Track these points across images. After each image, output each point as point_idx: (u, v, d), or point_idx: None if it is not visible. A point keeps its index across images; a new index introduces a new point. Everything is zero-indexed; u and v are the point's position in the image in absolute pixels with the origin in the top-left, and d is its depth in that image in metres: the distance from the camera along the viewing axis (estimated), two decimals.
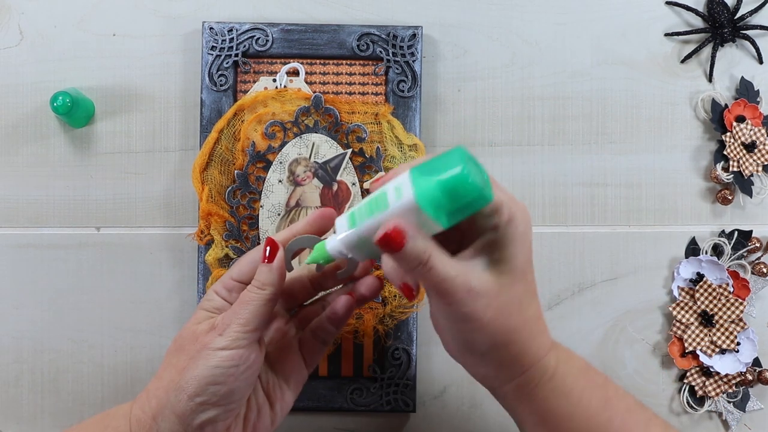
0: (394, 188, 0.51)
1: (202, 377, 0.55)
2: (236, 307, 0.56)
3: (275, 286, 0.56)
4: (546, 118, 0.77)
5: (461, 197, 0.50)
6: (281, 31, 0.74)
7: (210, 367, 0.55)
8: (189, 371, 0.55)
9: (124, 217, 0.76)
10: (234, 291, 0.59)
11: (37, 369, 0.75)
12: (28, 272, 0.75)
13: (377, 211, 0.52)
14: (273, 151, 0.74)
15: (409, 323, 0.74)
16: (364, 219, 0.53)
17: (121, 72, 0.76)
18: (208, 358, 0.55)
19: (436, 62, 0.76)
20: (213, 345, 0.55)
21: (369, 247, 0.53)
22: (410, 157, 0.74)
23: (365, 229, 0.53)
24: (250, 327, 0.56)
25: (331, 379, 0.74)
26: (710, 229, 0.77)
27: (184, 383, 0.55)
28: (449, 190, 0.49)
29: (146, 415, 0.56)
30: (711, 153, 0.77)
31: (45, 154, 0.75)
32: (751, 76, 0.77)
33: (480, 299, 0.52)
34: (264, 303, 0.56)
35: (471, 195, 0.50)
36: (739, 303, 0.75)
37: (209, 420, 0.56)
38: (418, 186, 0.50)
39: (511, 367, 0.55)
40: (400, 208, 0.50)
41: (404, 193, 0.50)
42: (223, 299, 0.59)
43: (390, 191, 0.51)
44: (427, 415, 0.76)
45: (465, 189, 0.49)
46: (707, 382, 0.76)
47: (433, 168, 0.50)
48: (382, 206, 0.51)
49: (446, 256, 0.52)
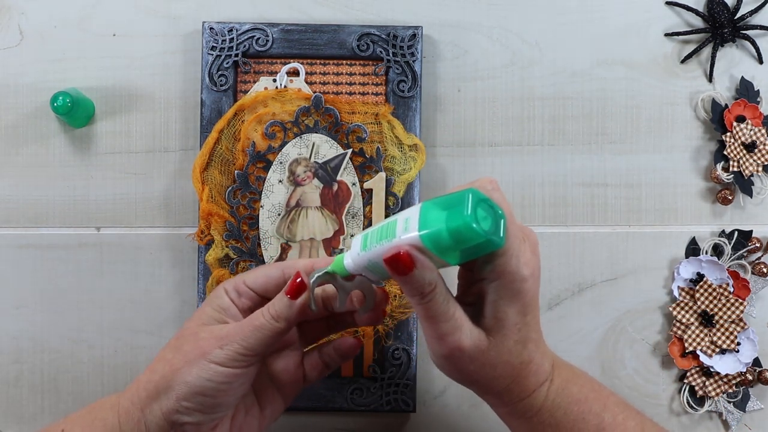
0: (405, 219, 0.51)
1: (193, 385, 0.54)
2: (246, 328, 0.55)
3: (291, 322, 0.56)
4: (546, 118, 0.77)
5: (466, 242, 0.50)
6: (281, 31, 0.74)
7: (203, 378, 0.54)
8: (182, 374, 0.55)
9: (124, 217, 0.76)
10: (244, 296, 0.58)
11: (37, 369, 0.75)
12: (28, 272, 0.75)
13: (386, 238, 0.52)
14: (273, 151, 0.74)
15: (409, 323, 0.74)
16: (374, 243, 0.53)
17: (121, 72, 0.76)
18: (203, 369, 0.54)
19: (436, 62, 0.76)
20: (211, 357, 0.55)
21: (378, 270, 0.54)
22: (410, 157, 0.74)
23: (374, 253, 0.53)
24: (253, 352, 0.55)
25: (331, 379, 0.74)
26: (710, 229, 0.77)
27: (174, 384, 0.55)
28: (454, 233, 0.49)
29: (135, 406, 0.56)
30: (711, 153, 0.77)
31: (45, 154, 0.75)
32: (751, 76, 0.77)
33: (464, 356, 0.52)
34: (274, 334, 0.55)
35: (475, 240, 0.49)
36: (739, 303, 0.75)
37: (194, 423, 0.55)
38: (424, 223, 0.50)
39: (497, 400, 0.56)
40: (405, 241, 0.51)
41: (410, 227, 0.51)
42: (231, 300, 0.58)
43: (400, 221, 0.51)
44: (427, 415, 0.76)
45: (469, 235, 0.49)
46: (707, 382, 0.76)
47: (444, 206, 0.50)
48: (390, 234, 0.52)
49: (450, 298, 0.52)
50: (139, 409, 0.56)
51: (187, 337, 0.57)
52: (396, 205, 0.73)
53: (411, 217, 0.51)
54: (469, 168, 0.76)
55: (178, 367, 0.55)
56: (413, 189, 0.74)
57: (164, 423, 0.55)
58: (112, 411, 0.57)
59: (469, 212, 0.49)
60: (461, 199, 0.50)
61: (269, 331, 0.55)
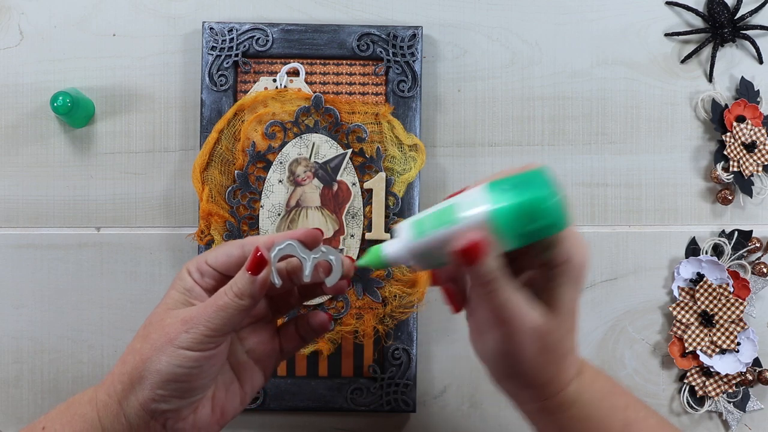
0: (467, 202, 0.50)
1: (165, 373, 0.54)
2: (209, 309, 0.55)
3: (255, 298, 0.55)
4: (546, 118, 0.77)
5: (537, 221, 0.49)
6: (281, 31, 0.74)
7: (173, 365, 0.54)
8: (152, 363, 0.54)
9: (124, 217, 0.76)
10: (207, 276, 0.57)
11: (37, 369, 0.75)
12: (28, 272, 0.75)
13: (445, 224, 0.50)
14: (273, 151, 0.74)
15: (409, 323, 0.74)
16: (432, 230, 0.51)
17: (121, 72, 0.76)
18: (172, 356, 0.54)
19: (436, 62, 0.76)
20: (178, 342, 0.54)
21: (434, 257, 0.52)
22: (410, 157, 0.74)
23: (434, 239, 0.51)
24: (219, 332, 0.54)
25: (331, 379, 0.74)
26: (710, 229, 0.77)
27: (147, 374, 0.54)
28: (528, 212, 0.48)
29: (112, 399, 0.56)
30: (711, 153, 0.77)
31: (45, 155, 0.75)
32: (751, 76, 0.77)
33: (527, 336, 0.52)
34: (239, 312, 0.54)
35: (548, 220, 0.49)
36: (739, 303, 0.75)
37: (173, 409, 0.55)
38: (494, 203, 0.49)
39: (537, 392, 0.55)
40: (471, 224, 0.49)
41: (477, 209, 0.49)
42: (194, 281, 0.57)
43: (461, 204, 0.50)
44: (427, 415, 0.76)
45: (544, 213, 0.48)
46: (707, 382, 0.76)
47: (512, 186, 0.49)
48: (450, 219, 0.50)
49: (512, 282, 0.51)
50: (117, 402, 0.55)
51: (154, 324, 0.56)
52: (396, 205, 0.73)
53: (476, 200, 0.49)
54: (469, 168, 0.76)
55: (148, 356, 0.55)
56: (413, 189, 0.74)
57: (143, 413, 0.55)
58: (90, 405, 0.56)
59: (548, 189, 0.48)
60: (536, 178, 0.49)
61: (234, 310, 0.54)
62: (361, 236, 0.73)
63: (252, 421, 0.76)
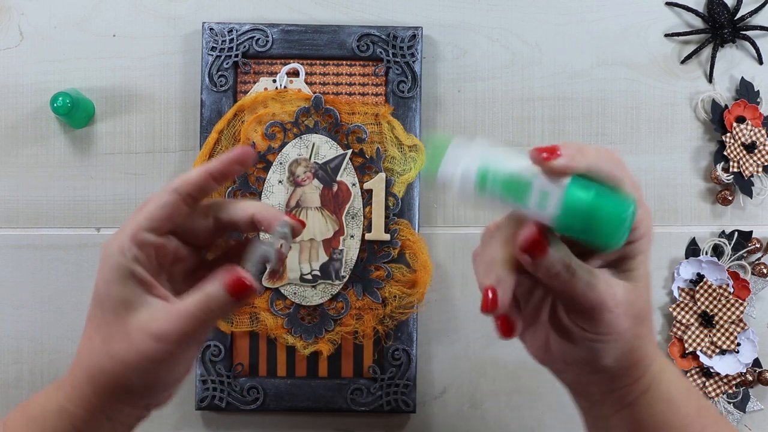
0: (541, 191, 0.48)
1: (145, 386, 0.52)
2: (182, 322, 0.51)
3: None
4: (546, 118, 0.77)
5: (599, 238, 0.47)
6: (281, 32, 0.74)
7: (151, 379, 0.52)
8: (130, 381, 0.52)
9: (124, 217, 0.75)
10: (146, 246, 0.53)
11: (37, 369, 0.75)
12: (28, 272, 0.75)
13: (512, 197, 0.48)
14: (273, 152, 0.74)
15: (409, 324, 0.74)
16: (495, 190, 0.49)
17: (121, 72, 0.76)
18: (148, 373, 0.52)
19: (436, 63, 0.76)
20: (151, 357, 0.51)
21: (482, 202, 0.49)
22: (410, 157, 0.74)
23: (490, 199, 0.49)
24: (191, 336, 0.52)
25: (331, 380, 0.74)
26: (710, 230, 0.77)
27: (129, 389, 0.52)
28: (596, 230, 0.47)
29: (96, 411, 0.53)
30: (711, 154, 0.77)
31: (45, 155, 0.75)
32: (751, 76, 0.77)
33: (619, 308, 0.50)
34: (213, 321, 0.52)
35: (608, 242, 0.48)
36: (739, 304, 0.75)
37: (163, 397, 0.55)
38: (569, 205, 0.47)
39: (627, 376, 0.53)
40: (537, 214, 0.48)
41: (550, 203, 0.47)
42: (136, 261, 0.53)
43: (536, 189, 0.48)
44: (427, 416, 0.76)
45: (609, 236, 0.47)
46: (707, 382, 0.76)
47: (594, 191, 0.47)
48: (520, 197, 0.48)
49: (582, 264, 0.50)
50: (101, 411, 0.53)
51: (114, 336, 0.52)
52: (396, 206, 0.73)
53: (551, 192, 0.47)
54: None
55: (121, 374, 0.52)
56: (413, 189, 0.74)
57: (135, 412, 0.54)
58: (62, 419, 0.53)
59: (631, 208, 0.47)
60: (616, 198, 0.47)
61: (208, 322, 0.52)
62: (361, 237, 0.73)
63: (252, 421, 0.76)
